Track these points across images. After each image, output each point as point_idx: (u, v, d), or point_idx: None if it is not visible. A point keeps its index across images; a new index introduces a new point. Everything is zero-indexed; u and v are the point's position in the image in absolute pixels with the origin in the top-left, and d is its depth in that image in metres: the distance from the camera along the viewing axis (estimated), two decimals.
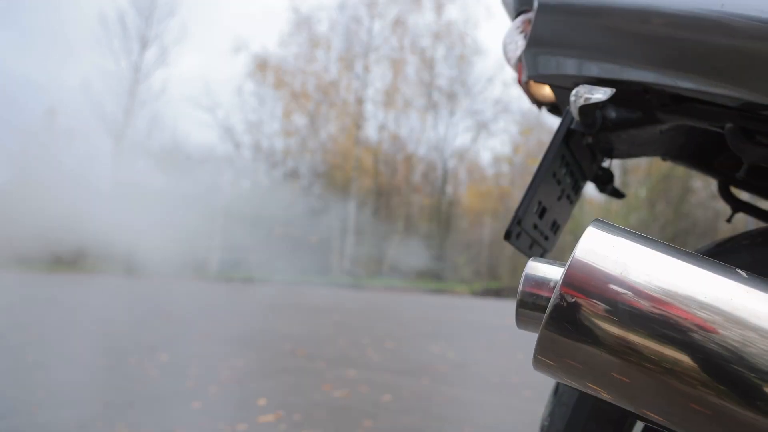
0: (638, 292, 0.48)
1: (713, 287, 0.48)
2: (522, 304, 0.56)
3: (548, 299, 0.54)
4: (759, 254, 0.70)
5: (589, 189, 1.08)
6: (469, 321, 9.20)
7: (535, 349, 0.53)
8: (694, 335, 0.46)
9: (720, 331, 0.45)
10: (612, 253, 0.51)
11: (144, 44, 23.37)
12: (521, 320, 0.57)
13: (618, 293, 0.48)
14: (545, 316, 0.51)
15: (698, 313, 0.46)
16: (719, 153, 0.93)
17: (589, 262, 0.50)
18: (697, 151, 0.94)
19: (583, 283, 0.50)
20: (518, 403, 3.41)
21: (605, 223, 0.54)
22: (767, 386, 0.44)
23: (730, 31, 0.63)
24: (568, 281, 0.50)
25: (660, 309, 0.47)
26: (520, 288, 0.56)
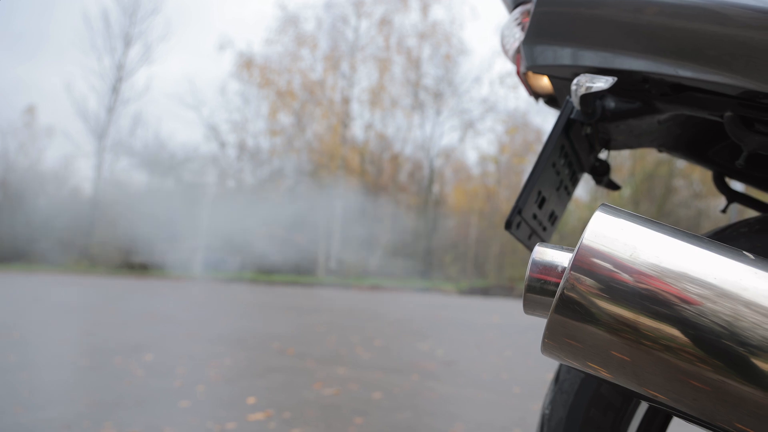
0: (648, 275, 0.48)
1: (722, 269, 0.48)
2: (530, 289, 0.56)
3: (556, 284, 0.55)
4: (757, 241, 0.71)
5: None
6: (456, 319, 9.23)
7: (544, 334, 0.53)
8: (705, 316, 0.46)
9: (730, 312, 0.46)
10: (621, 236, 0.51)
11: (128, 42, 23.10)
12: (529, 305, 0.57)
13: (628, 276, 0.49)
14: (555, 300, 0.51)
15: (708, 294, 0.47)
16: (715, 144, 0.94)
17: (599, 246, 0.50)
18: (693, 142, 0.95)
19: (593, 267, 0.50)
20: (508, 400, 3.43)
21: (612, 207, 0.55)
22: None
23: (731, 20, 0.64)
24: (578, 265, 0.50)
25: (670, 291, 0.47)
26: (527, 273, 0.57)
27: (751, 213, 0.93)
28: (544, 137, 0.83)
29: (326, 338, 5.88)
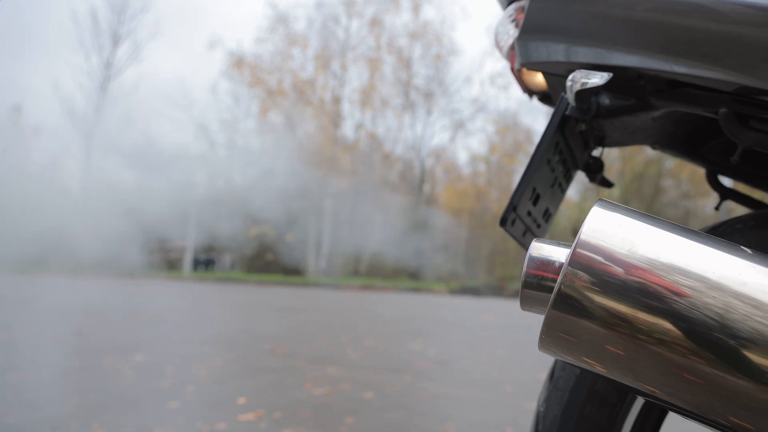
0: (647, 270, 0.48)
1: (721, 264, 0.48)
2: (527, 286, 0.55)
3: (554, 280, 0.54)
4: (752, 237, 0.71)
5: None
6: (448, 319, 9.24)
7: (542, 330, 0.53)
8: (704, 312, 0.46)
9: (729, 307, 0.46)
10: (619, 232, 0.50)
11: (116, 40, 22.88)
12: (526, 302, 0.56)
13: (626, 271, 0.48)
14: (552, 295, 0.51)
15: (707, 290, 0.47)
16: (708, 141, 0.94)
17: (597, 241, 0.50)
18: (687, 140, 0.95)
19: (591, 262, 0.49)
20: (500, 399, 3.43)
21: (609, 202, 0.54)
22: None
23: (726, 16, 0.64)
24: (576, 260, 0.50)
25: (669, 286, 0.47)
26: (524, 269, 0.56)
27: (743, 211, 0.94)
28: (535, 137, 0.83)
29: (317, 338, 5.87)
